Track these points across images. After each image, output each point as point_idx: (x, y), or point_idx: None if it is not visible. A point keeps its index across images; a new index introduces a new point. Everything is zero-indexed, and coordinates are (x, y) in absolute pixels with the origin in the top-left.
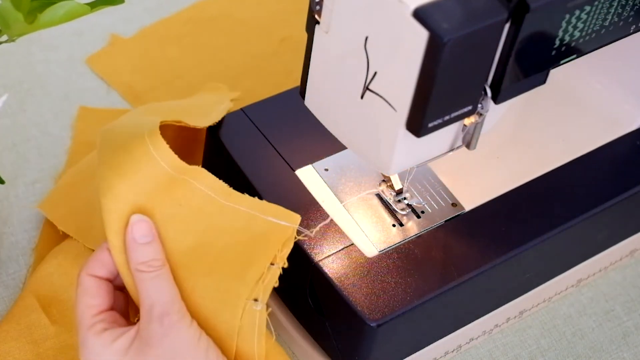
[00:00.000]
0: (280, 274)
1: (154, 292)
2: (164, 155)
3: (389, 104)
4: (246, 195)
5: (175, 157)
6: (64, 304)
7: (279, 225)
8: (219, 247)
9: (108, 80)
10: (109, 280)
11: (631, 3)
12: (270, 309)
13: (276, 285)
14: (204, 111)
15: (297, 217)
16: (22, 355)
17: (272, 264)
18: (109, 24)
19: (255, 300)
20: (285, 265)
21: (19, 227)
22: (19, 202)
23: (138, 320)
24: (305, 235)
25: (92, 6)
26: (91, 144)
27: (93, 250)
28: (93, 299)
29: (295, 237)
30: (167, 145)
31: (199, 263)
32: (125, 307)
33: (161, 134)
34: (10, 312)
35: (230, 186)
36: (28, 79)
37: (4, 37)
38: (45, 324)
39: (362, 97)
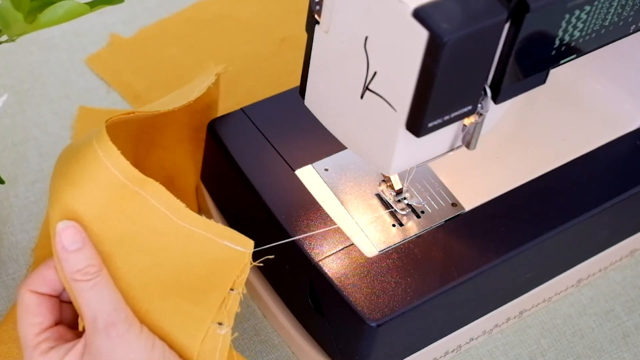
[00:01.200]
0: (280, 273)
1: (94, 301)
2: (116, 162)
3: (389, 104)
4: (203, 217)
5: (128, 165)
6: None
7: (236, 250)
8: (174, 269)
9: (108, 80)
10: (54, 297)
11: (631, 3)
12: (236, 334)
13: (238, 310)
14: (185, 95)
15: (251, 243)
16: (21, 356)
17: (231, 289)
18: (109, 24)
19: (220, 324)
20: (244, 291)
21: (19, 227)
22: (19, 202)
23: (85, 330)
24: (262, 261)
25: (92, 6)
26: None
27: None
28: (35, 317)
29: (252, 264)
30: (119, 152)
31: (153, 285)
32: (74, 318)
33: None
34: (10, 312)
35: (231, 186)
36: (28, 79)
37: (4, 37)
38: None
39: (362, 97)
